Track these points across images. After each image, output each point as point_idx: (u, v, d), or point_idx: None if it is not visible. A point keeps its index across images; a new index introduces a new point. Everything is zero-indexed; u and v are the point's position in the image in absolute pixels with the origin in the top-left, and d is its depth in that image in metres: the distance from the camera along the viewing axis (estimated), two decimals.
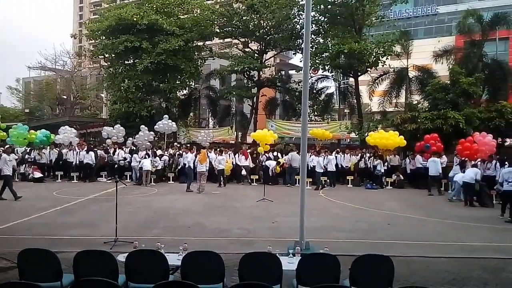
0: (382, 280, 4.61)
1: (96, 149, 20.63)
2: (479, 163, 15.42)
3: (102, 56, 30.33)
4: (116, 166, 20.14)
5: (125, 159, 20.10)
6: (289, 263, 5.04)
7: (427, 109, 21.53)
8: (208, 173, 16.90)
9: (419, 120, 20.30)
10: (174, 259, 5.03)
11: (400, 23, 37.68)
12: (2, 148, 16.85)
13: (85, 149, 19.77)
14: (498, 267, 6.98)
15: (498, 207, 14.03)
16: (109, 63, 29.82)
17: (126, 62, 28.37)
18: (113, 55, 28.15)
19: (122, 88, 27.84)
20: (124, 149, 21.06)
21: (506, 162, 13.29)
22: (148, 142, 20.90)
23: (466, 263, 7.24)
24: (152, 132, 21.56)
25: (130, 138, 21.91)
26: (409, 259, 7.34)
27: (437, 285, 5.96)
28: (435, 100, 20.97)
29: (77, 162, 19.55)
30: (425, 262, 7.29)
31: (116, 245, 7.50)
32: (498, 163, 15.32)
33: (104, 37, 28.05)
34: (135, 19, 25.41)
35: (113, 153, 20.59)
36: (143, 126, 21.77)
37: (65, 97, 47.18)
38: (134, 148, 20.90)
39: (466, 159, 16.25)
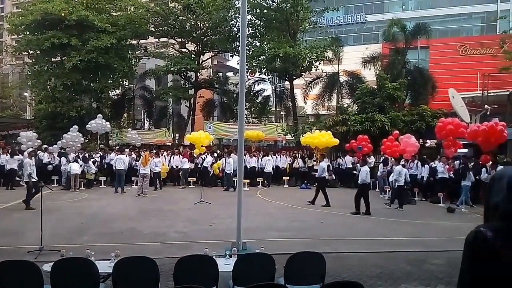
0: (315, 276, 4.77)
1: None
2: (403, 162, 16.49)
3: (26, 53, 28.29)
4: (38, 169, 18.81)
5: (50, 163, 18.86)
6: (226, 265, 5.06)
7: (356, 112, 22.70)
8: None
9: (349, 123, 21.41)
10: (105, 267, 4.82)
11: (331, 30, 39.36)
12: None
13: (9, 152, 18.20)
14: (420, 259, 7.52)
15: (420, 203, 15.29)
16: (33, 60, 27.90)
17: (53, 59, 26.76)
18: (38, 52, 26.37)
19: (48, 86, 26.17)
20: (51, 151, 19.78)
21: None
22: (79, 144, 19.78)
23: (392, 257, 7.72)
24: (80, 134, 20.43)
25: (59, 141, 20.57)
26: (341, 255, 7.69)
27: (366, 279, 6.27)
28: (364, 104, 22.20)
29: None
30: (355, 257, 7.67)
31: (41, 254, 7.01)
32: (419, 163, 16.59)
33: (28, 32, 26.19)
34: (63, 14, 23.98)
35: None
36: (75, 126, 20.56)
37: None
38: (63, 150, 19.68)
39: (388, 157, 17.33)
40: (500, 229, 1.75)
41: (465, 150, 18.23)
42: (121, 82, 29.32)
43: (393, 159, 16.96)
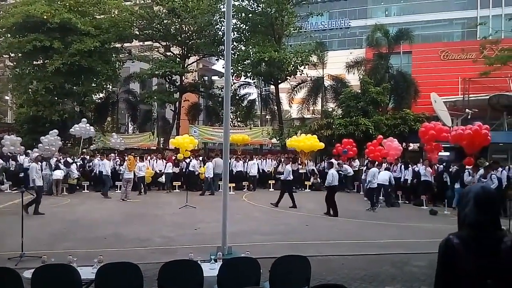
0: (300, 279, 4.79)
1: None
2: (385, 165, 16.72)
3: (7, 55, 27.75)
4: (22, 174, 18.47)
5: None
6: (211, 269, 5.03)
7: (340, 116, 22.93)
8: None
9: (333, 126, 21.60)
10: (88, 273, 4.74)
11: (316, 35, 39.77)
12: None
13: None
14: (403, 261, 7.61)
15: (404, 206, 15.49)
16: (15, 63, 27.36)
17: (35, 62, 26.28)
18: (19, 55, 25.90)
19: (30, 90, 25.70)
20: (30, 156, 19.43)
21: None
22: (54, 148, 19.40)
23: (376, 259, 7.80)
24: (59, 137, 20.04)
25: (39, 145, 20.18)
26: (326, 258, 7.74)
27: (351, 282, 6.33)
28: (348, 108, 22.45)
29: None
30: (340, 260, 7.71)
31: (22, 260, 6.87)
32: (403, 166, 16.83)
33: (9, 35, 25.75)
34: (45, 16, 23.63)
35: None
36: (55, 130, 20.19)
37: None
38: (42, 155, 19.30)
39: (373, 160, 17.55)
40: (466, 237, 2.12)
41: (447, 153, 18.57)
42: (105, 86, 29.01)
43: (367, 160, 17.37)
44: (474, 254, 2.06)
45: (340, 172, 19.25)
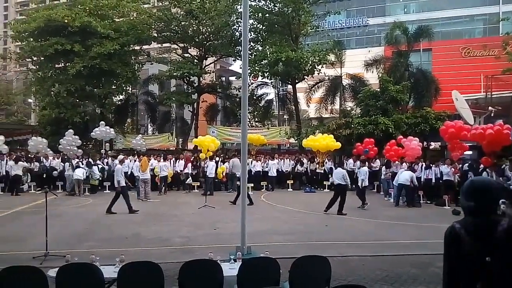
0: (320, 280, 4.75)
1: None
2: (405, 164, 16.43)
3: (30, 59, 28.49)
4: (44, 175, 18.95)
5: (53, 168, 18.95)
6: (231, 269, 5.03)
7: (359, 115, 22.67)
8: None
9: (352, 126, 21.36)
10: (110, 272, 4.81)
11: (333, 33, 39.41)
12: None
13: (13, 159, 18.36)
14: (425, 262, 7.43)
15: (425, 206, 15.22)
16: (37, 67, 28.08)
17: (56, 65, 26.91)
18: (42, 58, 26.59)
19: (52, 93, 26.31)
20: (55, 158, 19.89)
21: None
22: (75, 148, 19.78)
23: (398, 260, 7.66)
24: (77, 136, 20.42)
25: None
26: (346, 259, 7.65)
27: (372, 283, 6.24)
28: (367, 107, 22.16)
29: (4, 173, 18.21)
30: (361, 260, 7.62)
31: (46, 259, 7.03)
32: (423, 165, 16.52)
33: (32, 39, 26.43)
34: (66, 20, 24.17)
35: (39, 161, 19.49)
36: (70, 130, 20.56)
37: None
38: (66, 156, 19.77)
39: (391, 160, 17.29)
40: (466, 223, 2.46)
41: (470, 152, 18.14)
42: (124, 88, 29.46)
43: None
44: (472, 237, 2.39)
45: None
